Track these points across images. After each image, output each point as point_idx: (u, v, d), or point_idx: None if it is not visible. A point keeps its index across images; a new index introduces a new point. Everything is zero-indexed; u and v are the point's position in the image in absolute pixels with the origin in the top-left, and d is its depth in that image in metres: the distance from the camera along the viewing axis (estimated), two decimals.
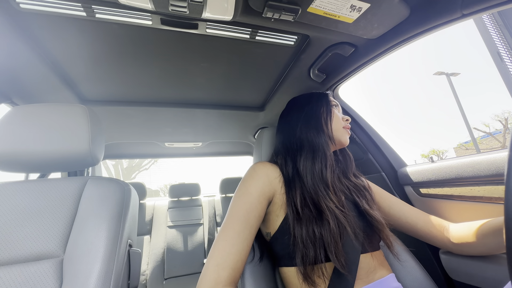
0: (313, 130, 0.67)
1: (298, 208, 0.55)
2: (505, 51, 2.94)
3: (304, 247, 0.51)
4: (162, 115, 1.21)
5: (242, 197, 0.57)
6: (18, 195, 0.64)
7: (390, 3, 0.59)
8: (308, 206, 0.56)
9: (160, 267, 1.88)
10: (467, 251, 0.62)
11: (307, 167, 0.61)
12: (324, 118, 0.69)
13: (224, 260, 0.48)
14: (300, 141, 0.67)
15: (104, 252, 0.58)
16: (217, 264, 0.48)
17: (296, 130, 0.68)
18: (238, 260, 0.50)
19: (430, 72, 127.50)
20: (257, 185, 0.58)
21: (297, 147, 0.67)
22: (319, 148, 0.64)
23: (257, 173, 0.60)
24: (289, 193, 0.59)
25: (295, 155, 0.65)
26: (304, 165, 0.62)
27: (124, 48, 0.74)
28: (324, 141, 0.65)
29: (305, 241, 0.51)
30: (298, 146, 0.66)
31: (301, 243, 0.52)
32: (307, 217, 0.54)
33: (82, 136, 0.67)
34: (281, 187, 0.61)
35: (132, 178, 12.98)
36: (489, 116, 33.55)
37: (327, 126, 0.68)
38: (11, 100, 0.91)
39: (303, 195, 0.58)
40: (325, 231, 0.52)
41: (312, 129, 0.67)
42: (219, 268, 0.48)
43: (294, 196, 0.57)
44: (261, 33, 0.70)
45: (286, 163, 0.65)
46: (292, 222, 0.55)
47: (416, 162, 3.38)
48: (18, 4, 0.56)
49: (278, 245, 0.58)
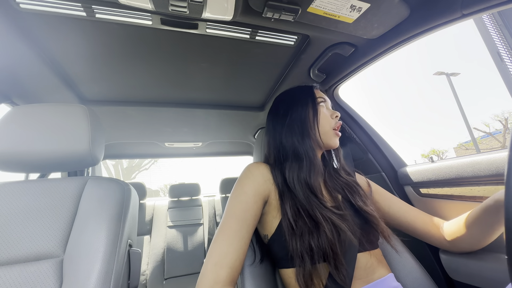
0: (298, 137, 0.63)
1: (291, 222, 0.53)
2: (505, 51, 2.94)
3: (302, 261, 0.50)
4: (162, 115, 1.21)
5: (238, 197, 0.57)
6: (18, 195, 0.64)
7: (390, 3, 0.59)
8: (303, 217, 0.54)
9: (160, 267, 1.88)
10: (460, 247, 0.62)
11: (295, 178, 0.59)
12: (310, 121, 0.64)
13: (222, 259, 0.49)
14: (285, 149, 0.64)
15: (104, 252, 0.58)
16: (215, 263, 0.48)
17: (282, 137, 0.65)
18: (236, 259, 0.50)
19: (430, 72, 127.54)
20: (252, 185, 0.58)
21: (283, 156, 0.64)
22: (304, 156, 0.61)
23: (252, 173, 0.60)
24: (282, 205, 0.57)
25: (282, 165, 0.63)
26: (291, 176, 0.59)
27: (124, 48, 0.74)
28: (310, 147, 0.62)
29: (301, 255, 0.50)
30: (284, 155, 0.64)
31: (297, 258, 0.51)
32: (301, 230, 0.52)
33: (82, 136, 0.67)
34: (275, 189, 0.60)
35: (132, 178, 12.98)
36: (489, 116, 33.57)
37: (313, 130, 0.64)
38: (11, 100, 0.91)
39: (295, 206, 0.56)
40: (323, 242, 0.50)
41: (297, 135, 0.63)
42: (218, 268, 0.48)
43: (286, 209, 0.56)
44: (261, 33, 0.70)
45: (275, 172, 0.62)
46: (287, 236, 0.53)
47: (416, 162, 3.38)
48: (18, 4, 0.56)
49: (276, 247, 0.57)
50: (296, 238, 0.52)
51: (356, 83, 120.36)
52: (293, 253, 0.52)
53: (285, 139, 0.65)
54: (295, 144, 0.63)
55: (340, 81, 0.94)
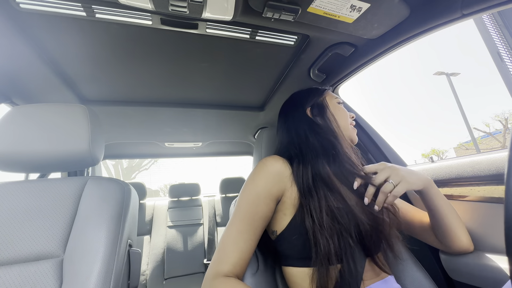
0: (327, 133, 0.63)
1: (319, 223, 0.51)
2: (505, 51, 2.94)
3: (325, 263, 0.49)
4: (162, 115, 1.21)
5: (249, 197, 0.55)
6: (18, 195, 0.64)
7: (390, 3, 0.59)
8: (334, 218, 0.52)
9: (160, 267, 1.88)
10: (449, 248, 0.63)
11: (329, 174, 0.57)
12: (333, 118, 0.66)
13: (224, 257, 0.50)
14: (312, 145, 0.62)
15: (104, 252, 0.58)
16: (219, 259, 0.50)
17: (308, 135, 0.64)
18: (239, 258, 0.50)
19: (430, 72, 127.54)
20: (265, 185, 0.55)
21: (311, 152, 0.61)
22: (339, 152, 0.61)
23: (267, 170, 0.57)
24: (306, 203, 0.54)
25: (308, 161, 0.59)
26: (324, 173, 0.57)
27: (124, 48, 0.74)
28: (340, 142, 0.63)
29: (328, 257, 0.49)
30: (310, 151, 0.61)
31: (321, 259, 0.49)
32: (330, 231, 0.51)
33: (82, 136, 0.67)
34: (291, 186, 0.57)
35: (132, 178, 12.97)
36: (489, 116, 33.57)
37: (339, 127, 0.66)
38: (11, 100, 0.91)
39: (326, 206, 0.53)
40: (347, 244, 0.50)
41: (324, 132, 0.63)
42: (220, 263, 0.49)
43: (312, 209, 0.53)
44: (261, 33, 0.70)
45: (297, 169, 0.58)
46: (312, 237, 0.51)
47: (416, 162, 3.38)
48: (18, 4, 0.56)
49: (284, 244, 0.56)
50: (323, 240, 0.50)
51: (356, 82, 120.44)
52: (316, 255, 0.50)
53: (312, 135, 0.64)
54: (325, 140, 0.62)
55: (340, 81, 0.94)
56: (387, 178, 0.54)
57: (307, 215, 0.53)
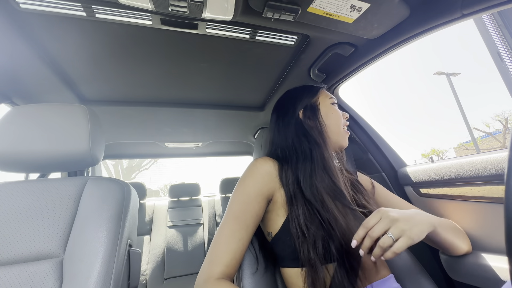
0: (313, 138, 0.62)
1: (302, 229, 0.51)
2: (505, 51, 2.94)
3: (313, 266, 0.49)
4: (162, 115, 1.21)
5: (240, 197, 0.56)
6: (18, 195, 0.64)
7: (390, 3, 0.59)
8: (317, 223, 0.52)
9: (160, 267, 1.87)
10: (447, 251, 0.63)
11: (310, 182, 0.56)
12: (323, 122, 0.64)
13: (217, 258, 0.50)
14: (297, 150, 0.62)
15: (104, 252, 0.58)
16: (211, 261, 0.50)
17: (293, 137, 0.63)
18: (232, 258, 0.50)
19: (430, 72, 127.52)
20: (255, 185, 0.56)
21: (295, 157, 0.61)
22: (321, 159, 0.60)
23: (257, 171, 0.58)
24: (291, 208, 0.55)
25: (293, 165, 0.60)
26: (307, 180, 0.56)
27: (124, 48, 0.74)
28: (326, 149, 0.61)
29: (313, 262, 0.49)
30: (296, 156, 0.61)
31: (307, 263, 0.50)
32: (314, 237, 0.51)
33: (82, 136, 0.67)
34: (282, 189, 0.58)
35: (132, 178, 12.97)
36: (489, 116, 33.55)
37: (328, 130, 0.64)
38: (11, 100, 0.91)
39: (310, 212, 0.53)
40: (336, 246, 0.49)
41: (312, 136, 0.62)
42: (212, 265, 0.50)
43: (297, 214, 0.53)
44: (261, 33, 0.70)
45: (284, 172, 0.59)
46: (297, 242, 0.51)
47: (416, 162, 3.38)
48: (18, 4, 0.56)
49: (280, 245, 0.57)
50: (309, 245, 0.50)
51: (355, 82, 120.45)
52: (304, 260, 0.51)
53: (297, 140, 0.63)
54: (310, 146, 0.61)
55: (340, 81, 0.94)
56: (386, 231, 0.46)
57: (291, 219, 0.54)
